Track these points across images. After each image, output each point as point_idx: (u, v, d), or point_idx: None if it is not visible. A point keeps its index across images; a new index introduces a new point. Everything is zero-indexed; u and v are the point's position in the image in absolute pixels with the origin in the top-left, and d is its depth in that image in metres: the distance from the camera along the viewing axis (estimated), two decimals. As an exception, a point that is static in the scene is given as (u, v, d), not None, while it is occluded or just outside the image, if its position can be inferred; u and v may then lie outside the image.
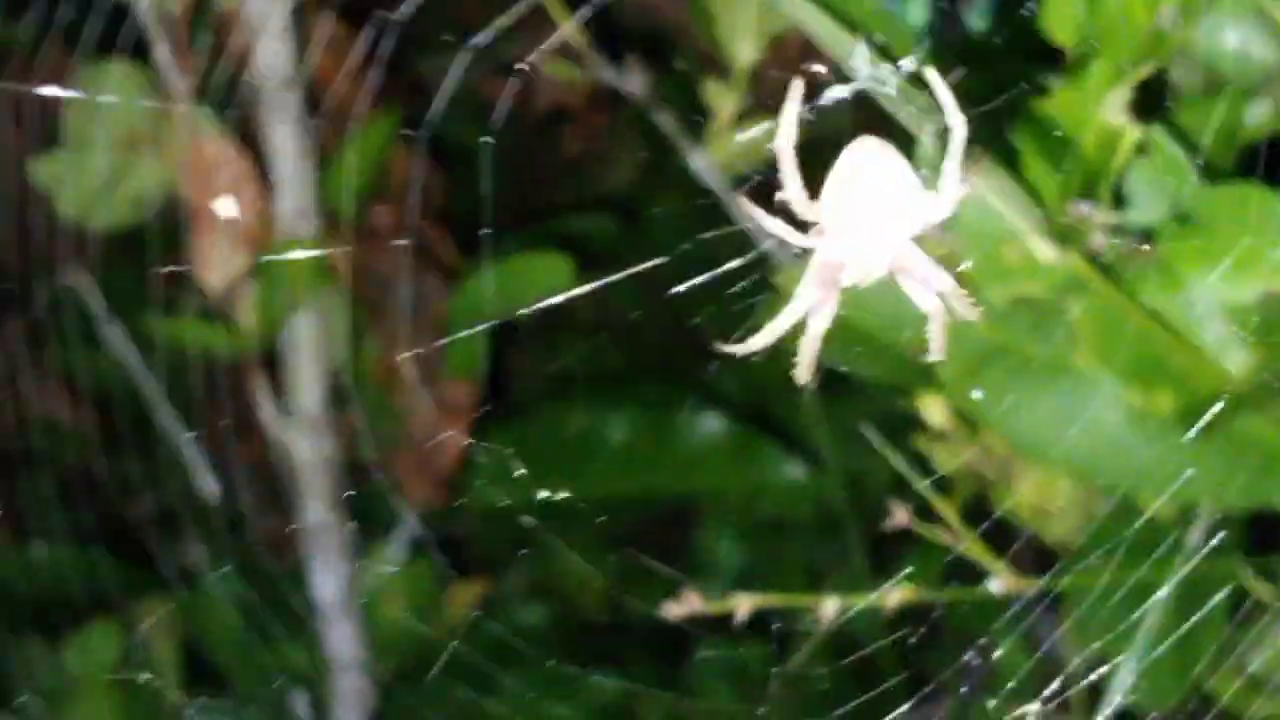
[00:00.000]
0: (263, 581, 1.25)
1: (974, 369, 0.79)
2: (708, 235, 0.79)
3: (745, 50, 1.10)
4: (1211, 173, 0.74)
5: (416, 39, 1.14)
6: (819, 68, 0.56)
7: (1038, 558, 0.95)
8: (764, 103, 1.14)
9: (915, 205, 0.55)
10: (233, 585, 1.29)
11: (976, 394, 0.79)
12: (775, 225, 0.56)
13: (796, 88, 0.55)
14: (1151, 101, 0.81)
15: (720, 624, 1.57)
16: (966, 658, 0.97)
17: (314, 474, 1.19)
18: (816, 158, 0.56)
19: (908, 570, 1.18)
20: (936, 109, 0.54)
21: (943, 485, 0.96)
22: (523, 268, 1.17)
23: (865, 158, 0.55)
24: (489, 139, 1.14)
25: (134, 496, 1.41)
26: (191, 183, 1.08)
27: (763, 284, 0.70)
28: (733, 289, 0.69)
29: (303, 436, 1.17)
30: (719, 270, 0.68)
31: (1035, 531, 0.89)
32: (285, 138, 1.09)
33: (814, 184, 0.55)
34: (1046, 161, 0.66)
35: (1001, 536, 0.94)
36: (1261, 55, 0.74)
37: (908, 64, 0.56)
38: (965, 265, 0.60)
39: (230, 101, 1.11)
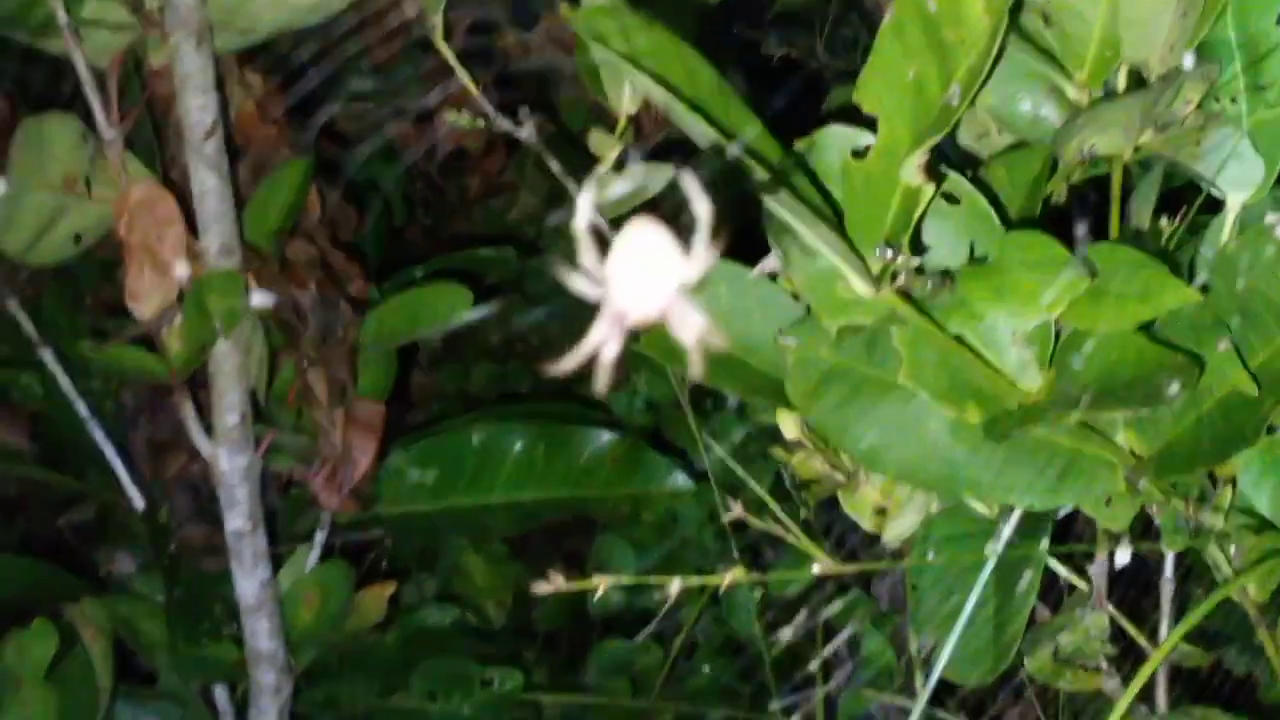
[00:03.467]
0: (190, 584, 1.35)
1: (817, 389, 0.90)
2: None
3: (627, 103, 1.21)
4: (1020, 221, 0.86)
5: (331, 87, 1.25)
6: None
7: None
8: (645, 149, 1.26)
9: (677, 266, 0.69)
10: (161, 588, 1.38)
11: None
12: (576, 282, 0.69)
13: (587, 190, 0.69)
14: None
15: (616, 626, 1.67)
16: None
17: (235, 486, 1.28)
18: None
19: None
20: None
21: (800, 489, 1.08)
22: (426, 297, 1.27)
23: (639, 233, 0.69)
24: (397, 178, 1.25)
25: (69, 507, 1.50)
26: (124, 222, 1.17)
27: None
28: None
29: (224, 451, 1.27)
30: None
31: (877, 530, 1.00)
32: (208, 180, 1.18)
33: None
34: (863, 214, 0.78)
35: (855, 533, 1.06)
36: (1051, 116, 0.87)
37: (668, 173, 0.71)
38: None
39: (159, 148, 1.21)
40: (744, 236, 0.87)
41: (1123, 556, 0.92)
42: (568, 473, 1.48)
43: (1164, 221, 0.94)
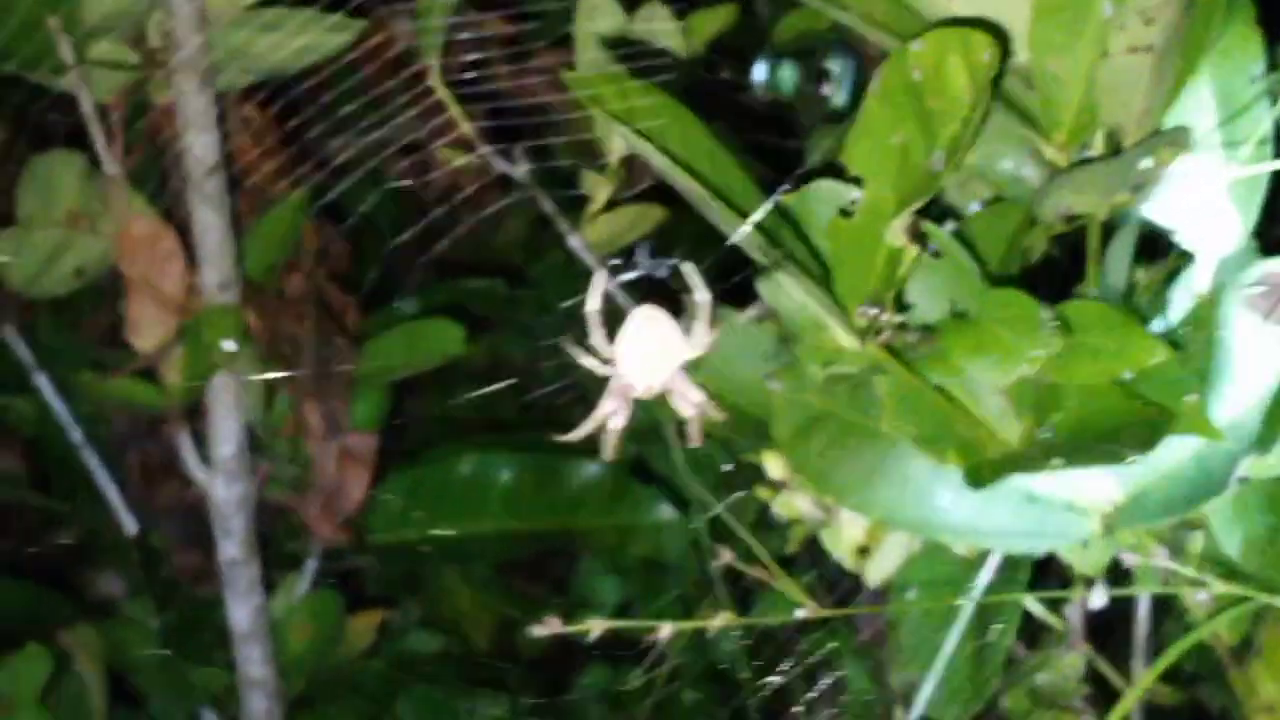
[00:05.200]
0: (184, 610, 1.37)
1: (802, 433, 0.93)
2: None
3: (619, 144, 1.24)
4: (997, 279, 0.88)
5: (326, 122, 1.27)
6: (615, 261, 0.77)
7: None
8: (634, 190, 1.28)
9: (678, 347, 0.81)
10: (152, 614, 1.40)
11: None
12: (586, 360, 0.82)
13: (599, 274, 0.80)
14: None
15: (600, 654, 1.68)
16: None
17: (230, 515, 1.30)
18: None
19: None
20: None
21: (783, 529, 1.11)
22: (420, 333, 1.30)
23: (645, 317, 0.81)
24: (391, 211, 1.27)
25: (62, 532, 1.52)
26: (125, 257, 1.19)
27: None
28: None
29: (220, 481, 1.29)
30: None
31: (859, 569, 1.03)
32: (209, 216, 1.21)
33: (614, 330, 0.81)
34: (849, 273, 0.81)
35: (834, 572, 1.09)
36: (1030, 175, 0.90)
37: (673, 260, 0.81)
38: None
39: (160, 184, 1.23)
40: (732, 278, 0.90)
41: (1098, 599, 0.95)
42: (555, 503, 1.51)
43: (1141, 273, 0.97)
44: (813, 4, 0.86)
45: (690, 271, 0.81)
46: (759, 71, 1.52)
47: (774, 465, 1.03)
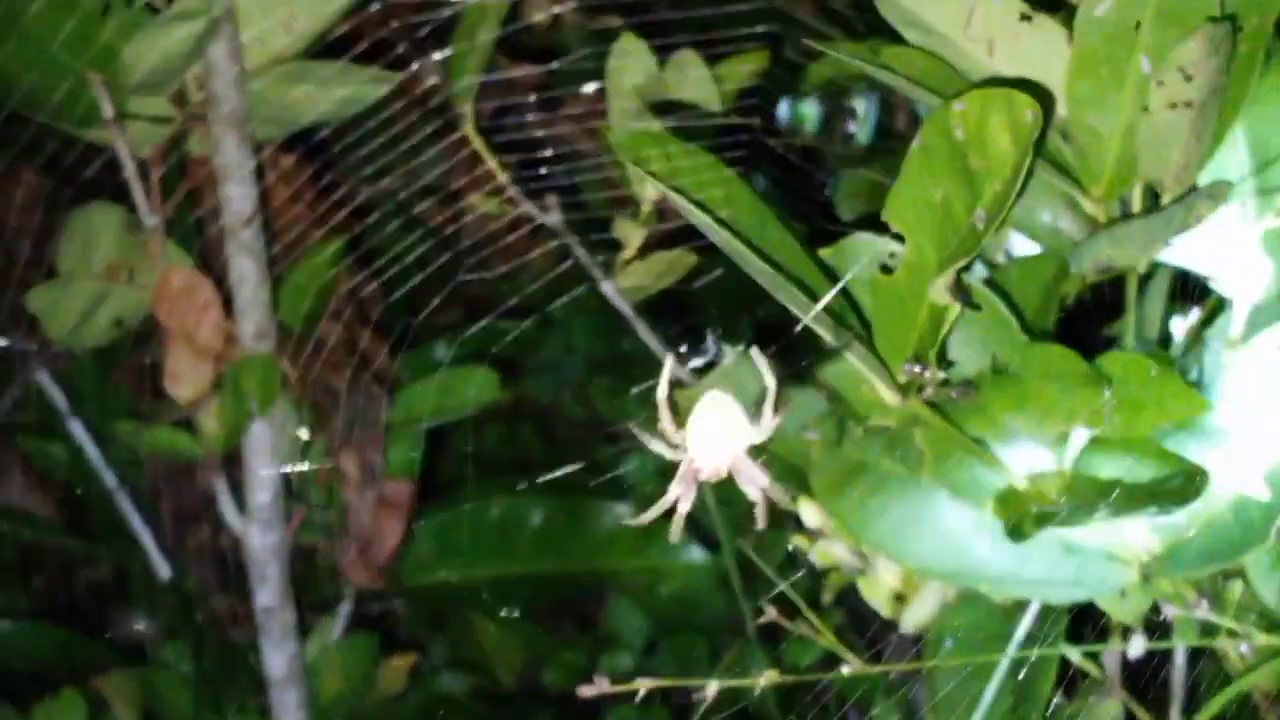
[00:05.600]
0: (219, 655, 1.38)
1: (840, 483, 0.93)
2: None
3: (652, 190, 1.24)
4: (1032, 330, 0.89)
5: (361, 170, 1.28)
6: (684, 349, 0.78)
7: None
8: (666, 236, 1.29)
9: (744, 433, 0.82)
10: (187, 659, 1.41)
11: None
12: (655, 445, 0.82)
13: (669, 361, 0.80)
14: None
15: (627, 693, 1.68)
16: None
17: (266, 562, 1.30)
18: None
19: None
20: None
21: (818, 575, 1.11)
22: (455, 380, 1.30)
23: (713, 403, 0.82)
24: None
25: (96, 577, 1.53)
26: (163, 307, 1.20)
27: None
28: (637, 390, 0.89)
29: (256, 529, 1.29)
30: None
31: (894, 618, 1.03)
32: (246, 266, 1.22)
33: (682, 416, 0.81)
34: (891, 329, 0.82)
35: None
36: (1069, 228, 0.90)
37: (740, 347, 0.84)
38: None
39: (198, 235, 1.24)
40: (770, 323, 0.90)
41: (1136, 649, 0.95)
42: (585, 545, 1.51)
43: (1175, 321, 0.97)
44: (850, 59, 0.87)
45: (758, 358, 0.81)
46: (783, 109, 1.52)
47: (811, 513, 1.04)
